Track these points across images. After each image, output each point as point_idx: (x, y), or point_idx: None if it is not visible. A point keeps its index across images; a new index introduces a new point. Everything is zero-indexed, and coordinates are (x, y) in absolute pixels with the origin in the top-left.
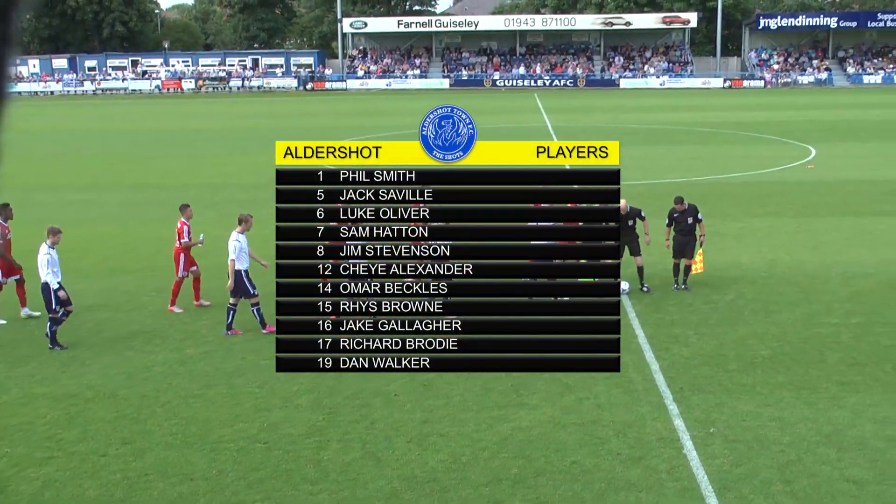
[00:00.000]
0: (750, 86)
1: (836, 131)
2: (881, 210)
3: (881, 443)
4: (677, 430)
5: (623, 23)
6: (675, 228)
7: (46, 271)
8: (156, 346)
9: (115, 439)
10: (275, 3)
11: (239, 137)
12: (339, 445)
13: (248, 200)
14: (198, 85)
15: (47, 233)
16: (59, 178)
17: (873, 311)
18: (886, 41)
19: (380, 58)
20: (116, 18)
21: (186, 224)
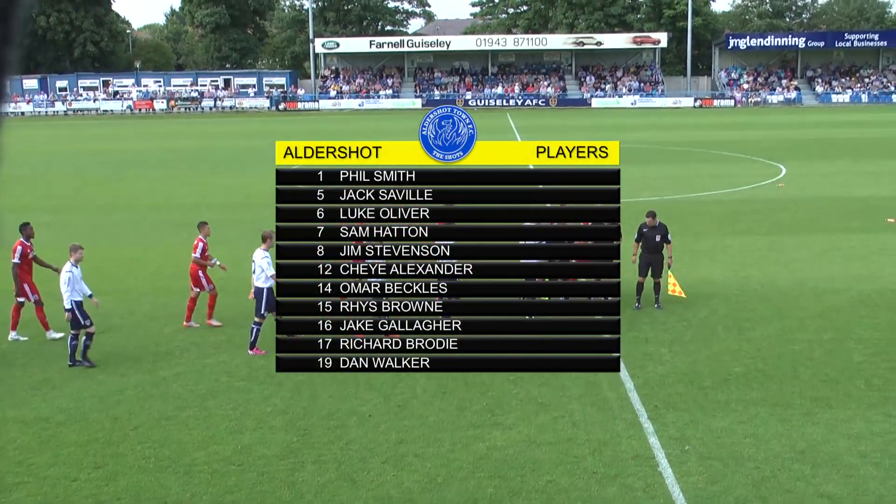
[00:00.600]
0: (720, 105)
1: (805, 150)
2: (850, 227)
3: (855, 458)
4: (652, 448)
5: (594, 43)
6: (643, 245)
7: (66, 289)
8: (128, 369)
9: (87, 463)
10: (247, 23)
11: (211, 158)
12: (314, 467)
13: (220, 221)
14: (170, 105)
15: (70, 250)
16: (28, 200)
17: (845, 327)
18: (853, 61)
19: (352, 78)
20: (88, 38)
21: (203, 241)
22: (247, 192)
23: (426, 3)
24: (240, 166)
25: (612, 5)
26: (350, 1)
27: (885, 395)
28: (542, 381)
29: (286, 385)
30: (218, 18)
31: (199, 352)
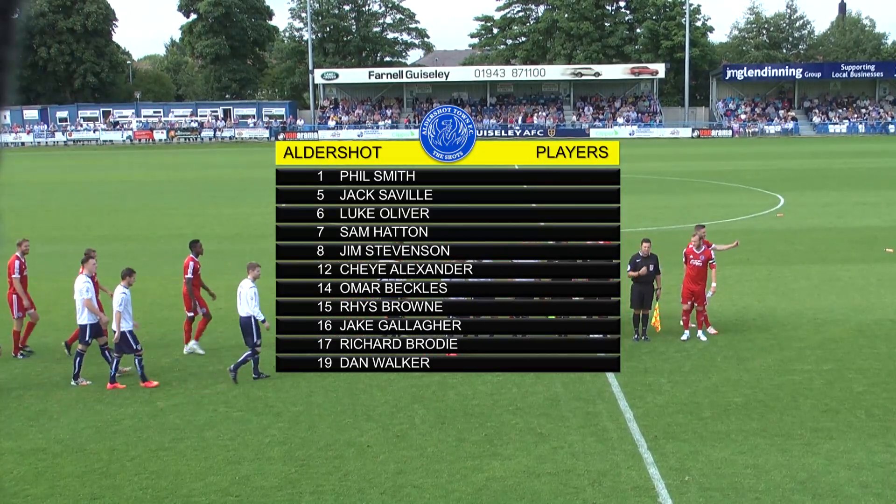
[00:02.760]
0: (718, 135)
1: (803, 180)
2: (849, 257)
3: (855, 489)
4: (652, 479)
5: (592, 73)
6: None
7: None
8: (126, 399)
9: (84, 495)
10: (246, 54)
11: (210, 188)
12: (312, 498)
13: (218, 251)
14: (169, 136)
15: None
16: (25, 231)
17: (844, 357)
18: (850, 91)
19: (351, 108)
20: (88, 69)
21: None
22: (246, 223)
23: (425, 35)
24: (238, 197)
25: (610, 36)
26: (349, 32)
27: (886, 425)
28: (541, 412)
29: (284, 416)
30: (218, 49)
31: (196, 382)
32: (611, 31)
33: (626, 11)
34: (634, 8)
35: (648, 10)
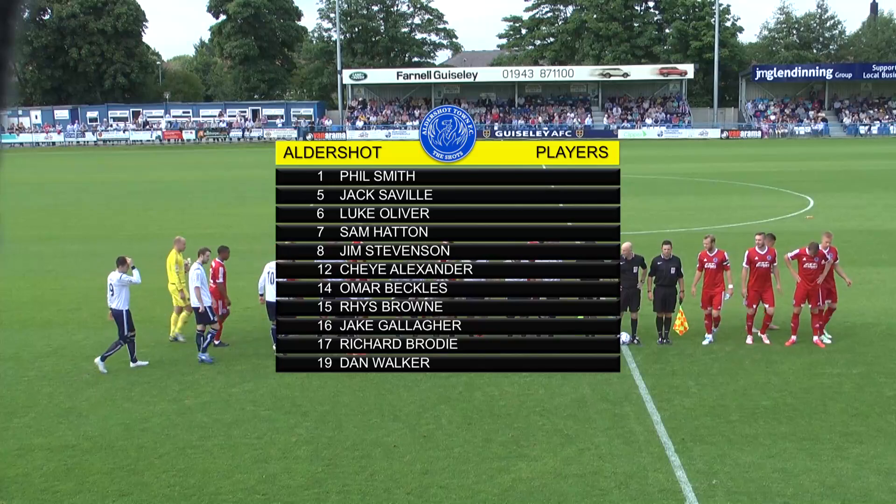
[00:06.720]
0: (747, 136)
1: (833, 181)
2: (880, 260)
3: (886, 495)
4: (679, 482)
5: (620, 74)
6: (656, 280)
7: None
8: (154, 397)
9: (113, 491)
10: (275, 54)
11: (238, 188)
12: (339, 497)
13: (245, 251)
14: (198, 136)
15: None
16: (56, 229)
17: (874, 361)
18: (882, 92)
19: (379, 108)
20: (118, 70)
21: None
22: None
23: (453, 35)
24: (267, 197)
25: (639, 37)
26: (378, 32)
27: None
28: (568, 413)
29: (311, 415)
30: (247, 50)
31: (224, 381)
32: (639, 32)
33: (655, 12)
34: (663, 8)
35: (677, 10)
